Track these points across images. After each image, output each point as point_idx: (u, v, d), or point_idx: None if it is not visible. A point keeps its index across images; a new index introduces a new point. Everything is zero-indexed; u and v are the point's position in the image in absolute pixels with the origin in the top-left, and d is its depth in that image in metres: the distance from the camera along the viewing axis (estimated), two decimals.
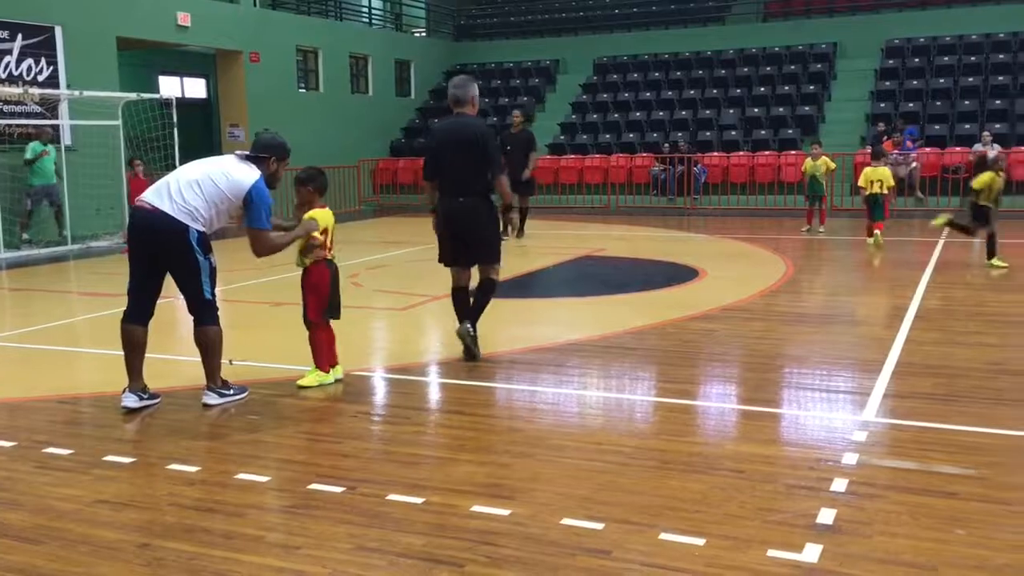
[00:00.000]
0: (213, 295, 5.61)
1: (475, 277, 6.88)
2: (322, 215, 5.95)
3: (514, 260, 11.12)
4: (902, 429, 5.04)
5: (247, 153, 5.71)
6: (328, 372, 6.08)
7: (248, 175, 5.52)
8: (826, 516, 3.82)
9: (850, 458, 4.51)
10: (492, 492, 4.18)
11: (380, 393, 6.17)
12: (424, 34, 28.44)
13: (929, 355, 6.64)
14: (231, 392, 5.74)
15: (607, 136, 22.34)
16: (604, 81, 24.37)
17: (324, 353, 6.06)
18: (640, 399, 5.90)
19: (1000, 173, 10.79)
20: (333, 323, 6.10)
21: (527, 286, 10.36)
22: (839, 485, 4.16)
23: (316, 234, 5.88)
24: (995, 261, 10.67)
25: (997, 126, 19.15)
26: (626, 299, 9.14)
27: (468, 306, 6.81)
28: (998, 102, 20.05)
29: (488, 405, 5.77)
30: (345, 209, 20.50)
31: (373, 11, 26.72)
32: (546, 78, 25.54)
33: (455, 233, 6.68)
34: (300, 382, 6.03)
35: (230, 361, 6.15)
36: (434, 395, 6.14)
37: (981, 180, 10.60)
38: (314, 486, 4.28)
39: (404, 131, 24.76)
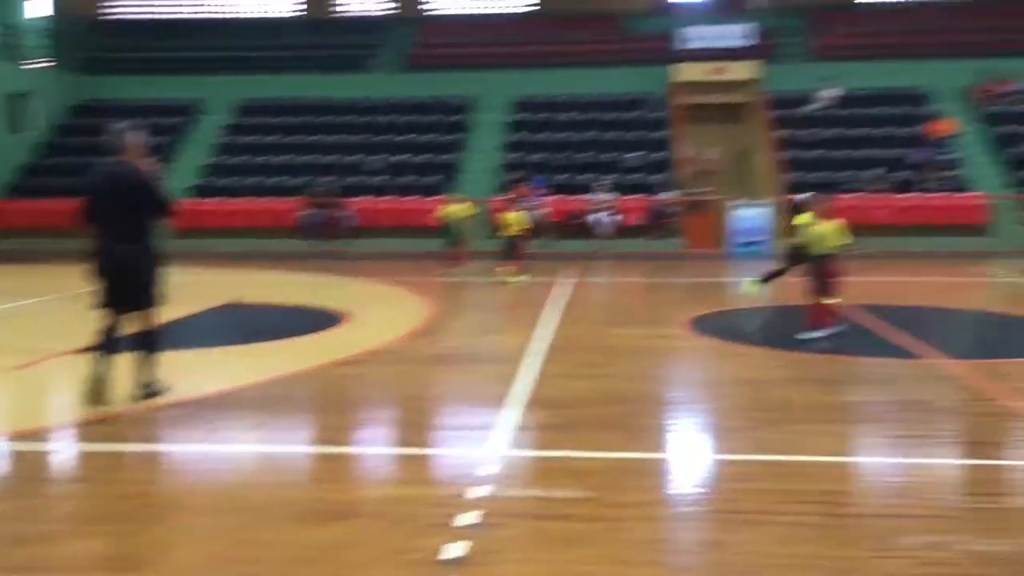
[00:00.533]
0: None
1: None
2: None
3: None
4: (528, 459, 5.43)
5: None
6: None
7: None
8: (457, 550, 4.01)
9: (480, 491, 4.77)
10: (114, 566, 3.89)
11: None
12: (43, 66, 26.05)
13: (552, 388, 7.22)
14: None
15: (253, 179, 21.88)
16: (249, 123, 23.90)
17: None
18: (281, 450, 5.80)
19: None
20: None
21: (164, 336, 9.78)
22: (470, 518, 4.38)
23: None
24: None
25: (609, 176, 21.40)
26: (271, 347, 8.96)
27: (115, 347, 6.60)
28: (609, 154, 22.47)
29: (116, 469, 5.36)
30: None
31: None
32: (187, 118, 24.51)
33: (113, 277, 6.51)
34: None
35: None
36: (54, 463, 5.59)
37: (801, 219, 11.10)
38: None
39: (22, 170, 22.45)
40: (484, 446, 5.61)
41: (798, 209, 10.33)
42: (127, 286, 6.53)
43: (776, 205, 20.19)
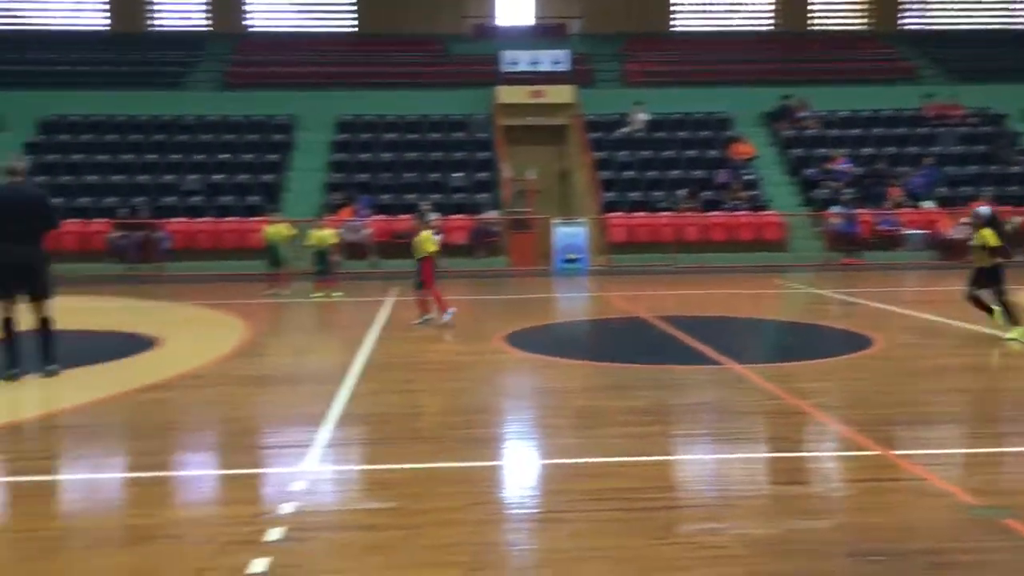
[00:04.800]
0: None
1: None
2: None
3: None
4: (337, 474, 5.51)
5: None
6: None
7: None
8: (259, 566, 4.04)
9: (288, 508, 4.80)
10: None
11: None
12: None
13: (366, 404, 7.30)
14: None
15: (56, 200, 20.72)
16: (52, 141, 22.66)
17: None
18: (82, 478, 5.62)
19: None
20: None
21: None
22: (274, 535, 4.42)
23: None
24: None
25: (435, 196, 21.66)
26: (72, 373, 8.56)
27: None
28: (435, 175, 22.74)
29: None
30: None
31: None
32: None
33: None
34: None
35: None
36: None
37: None
38: None
39: None
40: (293, 463, 5.63)
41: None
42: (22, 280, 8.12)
43: (592, 224, 21.03)
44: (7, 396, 7.76)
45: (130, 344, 10.36)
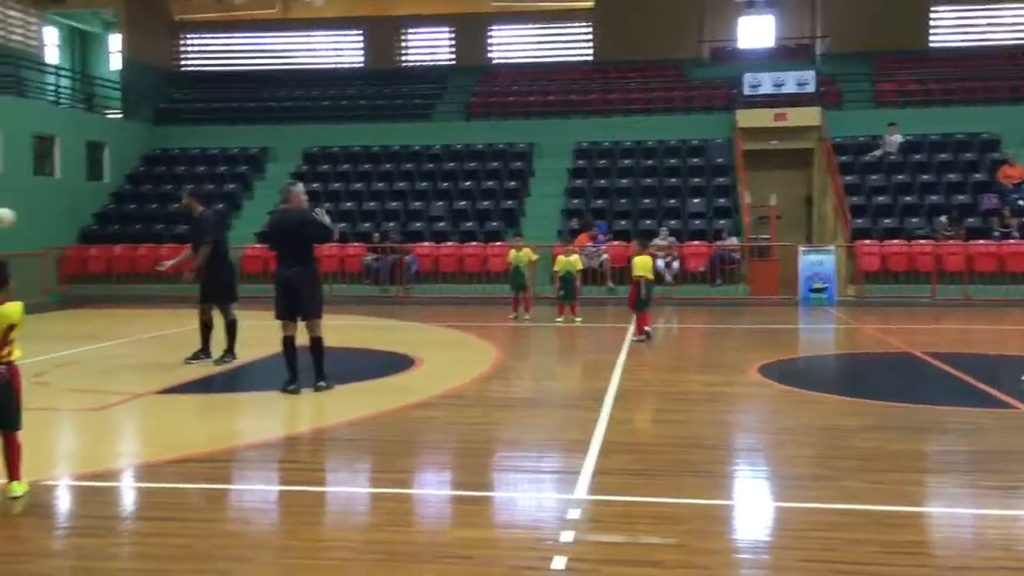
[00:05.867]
0: None
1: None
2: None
3: (221, 351, 10.65)
4: (610, 504, 5.38)
5: None
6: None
7: None
8: None
9: (567, 536, 4.73)
10: None
11: (73, 504, 5.61)
12: (120, 116, 26.99)
13: (628, 433, 7.17)
14: None
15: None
16: (314, 171, 24.40)
17: None
18: (362, 491, 5.84)
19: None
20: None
21: (238, 380, 9.98)
22: (559, 563, 4.35)
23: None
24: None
25: (672, 222, 21.37)
26: (343, 390, 9.03)
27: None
28: (672, 201, 22.44)
29: (201, 509, 5.44)
30: (27, 301, 18.65)
31: (61, 89, 25.01)
32: (254, 166, 25.12)
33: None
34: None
35: None
36: (139, 502, 5.69)
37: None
38: None
39: (97, 216, 23.16)
40: (565, 490, 5.56)
41: None
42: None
43: (841, 251, 19.94)
44: (285, 410, 8.28)
45: (393, 362, 10.82)
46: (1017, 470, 6.10)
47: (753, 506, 5.48)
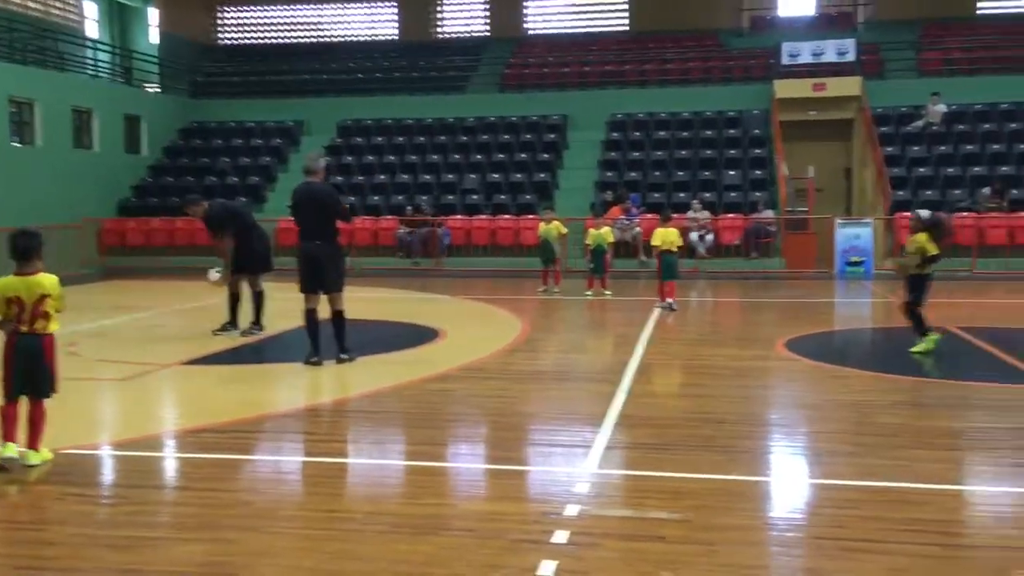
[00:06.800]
0: None
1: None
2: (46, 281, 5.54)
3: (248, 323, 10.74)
4: (620, 478, 5.33)
5: None
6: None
7: None
8: (547, 568, 3.95)
9: (572, 510, 4.69)
10: (212, 572, 3.96)
11: (93, 472, 5.69)
12: (158, 90, 27.22)
13: (647, 407, 7.10)
14: None
15: (352, 198, 22.28)
16: (348, 144, 24.43)
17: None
18: (375, 463, 5.85)
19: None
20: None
21: (262, 351, 10.05)
22: (561, 537, 4.31)
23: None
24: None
25: (707, 195, 21.10)
26: (365, 362, 9.04)
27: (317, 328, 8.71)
28: (707, 173, 22.14)
29: (216, 479, 5.48)
30: (65, 272, 18.96)
31: (100, 63, 25.26)
32: (289, 139, 25.21)
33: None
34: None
35: None
36: (156, 470, 5.76)
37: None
38: None
39: (134, 190, 23.43)
40: (575, 464, 5.52)
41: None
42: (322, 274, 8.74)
43: (880, 224, 19.56)
44: (308, 381, 8.33)
45: (417, 334, 10.82)
46: None
47: (767, 482, 5.40)
